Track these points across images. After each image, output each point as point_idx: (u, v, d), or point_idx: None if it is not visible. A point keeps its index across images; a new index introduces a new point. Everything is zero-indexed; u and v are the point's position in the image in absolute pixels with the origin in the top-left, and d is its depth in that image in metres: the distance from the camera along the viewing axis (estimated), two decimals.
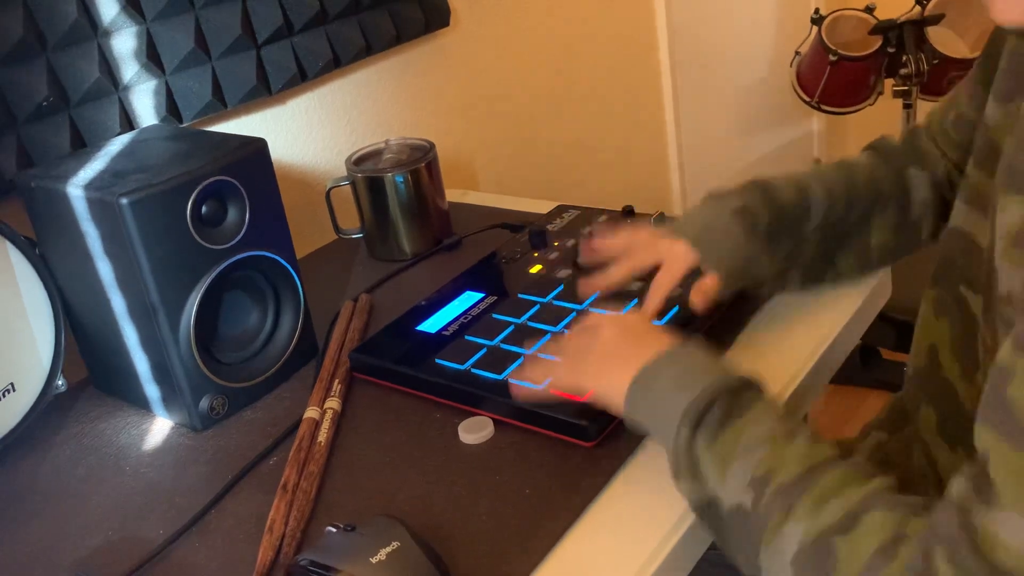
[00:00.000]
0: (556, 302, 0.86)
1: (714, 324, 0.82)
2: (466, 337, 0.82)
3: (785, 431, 0.57)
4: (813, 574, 0.51)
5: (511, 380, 0.73)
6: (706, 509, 0.59)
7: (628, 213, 1.01)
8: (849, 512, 0.51)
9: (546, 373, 0.71)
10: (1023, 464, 0.45)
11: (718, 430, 0.58)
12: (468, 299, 0.89)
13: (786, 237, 0.78)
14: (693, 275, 0.77)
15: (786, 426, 0.58)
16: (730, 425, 0.58)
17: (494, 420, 0.74)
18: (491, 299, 0.88)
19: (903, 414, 0.82)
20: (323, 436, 0.75)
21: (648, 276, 0.78)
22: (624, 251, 0.80)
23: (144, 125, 0.99)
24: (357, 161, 1.09)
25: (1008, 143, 0.60)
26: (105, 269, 0.78)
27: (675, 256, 0.77)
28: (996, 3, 0.55)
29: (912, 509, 0.51)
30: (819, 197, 0.79)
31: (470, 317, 0.86)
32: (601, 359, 0.67)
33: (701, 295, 0.75)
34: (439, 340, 0.83)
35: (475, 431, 0.73)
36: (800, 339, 0.81)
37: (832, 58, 1.92)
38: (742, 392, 0.60)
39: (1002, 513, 0.45)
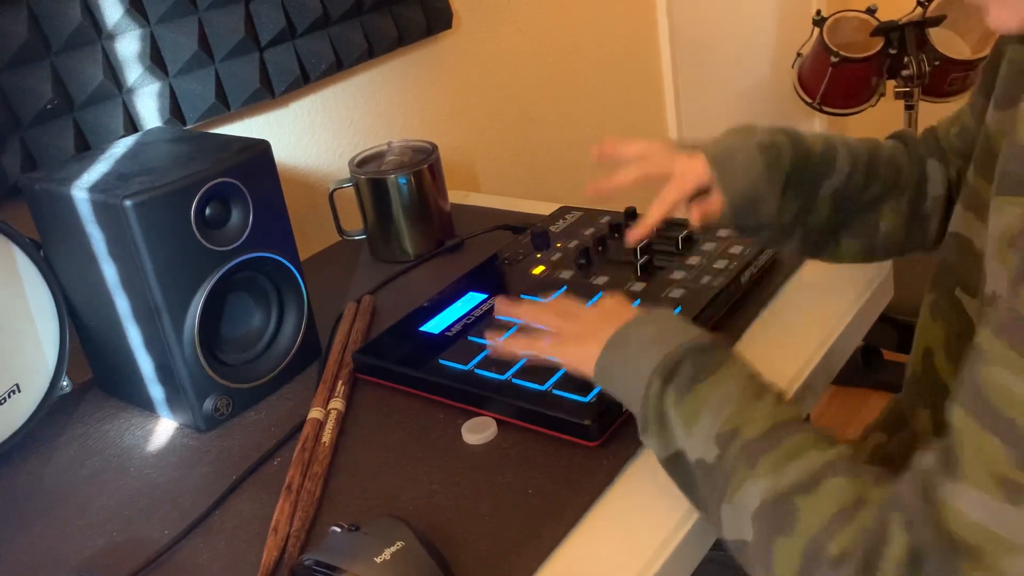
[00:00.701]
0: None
1: (716, 324, 0.83)
2: (469, 338, 0.82)
3: (754, 389, 0.59)
4: (772, 530, 0.52)
5: (492, 347, 0.75)
6: (672, 461, 0.61)
7: (631, 215, 1.01)
8: (812, 473, 0.52)
9: (528, 345, 0.72)
10: (988, 443, 0.45)
11: (689, 385, 0.59)
12: (471, 300, 0.89)
13: (804, 188, 0.76)
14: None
15: (755, 384, 0.59)
16: (701, 380, 0.59)
17: (497, 420, 0.74)
18: (494, 300, 0.89)
19: (901, 416, 0.83)
20: (327, 437, 0.75)
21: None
22: (639, 157, 0.78)
23: (148, 127, 0.99)
24: (360, 163, 1.09)
25: (1003, 146, 0.60)
26: (109, 271, 0.78)
27: (689, 169, 0.75)
28: (992, 10, 0.55)
29: (874, 477, 0.52)
30: (844, 158, 0.77)
31: (473, 318, 0.86)
32: (581, 335, 0.69)
33: (701, 212, 0.75)
34: (442, 341, 0.83)
35: (478, 431, 0.73)
36: (802, 339, 0.81)
37: (834, 59, 1.93)
38: (714, 350, 0.61)
39: (961, 485, 0.46)
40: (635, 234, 0.78)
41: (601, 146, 0.79)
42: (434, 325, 0.86)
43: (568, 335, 0.70)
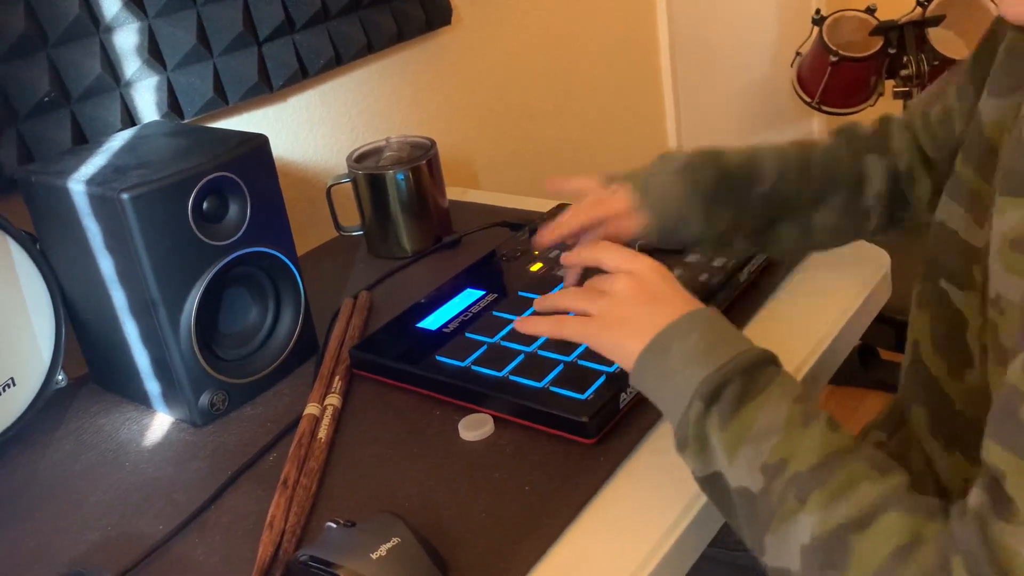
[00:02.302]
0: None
1: None
2: (466, 334, 0.82)
3: (801, 416, 0.56)
4: (824, 565, 0.51)
5: (518, 321, 0.71)
6: (710, 481, 0.58)
7: None
8: (866, 509, 0.51)
9: (555, 325, 0.68)
10: None
11: (732, 411, 0.56)
12: (468, 296, 0.89)
13: (729, 202, 0.78)
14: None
15: (802, 410, 0.56)
16: (745, 406, 0.56)
17: (494, 417, 0.74)
18: (491, 297, 0.88)
19: (901, 415, 0.82)
20: (323, 432, 0.75)
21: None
22: (577, 191, 0.82)
23: (145, 121, 0.99)
24: (358, 158, 1.09)
25: (1005, 144, 0.59)
26: (106, 264, 0.78)
27: (612, 194, 0.78)
28: (1004, 1, 0.55)
29: (929, 513, 0.50)
30: (770, 170, 0.79)
31: (470, 314, 0.86)
32: (613, 316, 0.64)
33: (612, 232, 0.77)
34: (439, 337, 0.83)
35: (475, 428, 0.73)
36: (799, 338, 0.81)
37: (833, 59, 1.93)
38: (758, 370, 0.58)
39: (1021, 528, 0.45)
40: (544, 237, 0.80)
41: (550, 182, 0.85)
42: (431, 321, 0.86)
43: (600, 316, 0.65)
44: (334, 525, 0.61)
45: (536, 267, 0.94)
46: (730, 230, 0.79)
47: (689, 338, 0.60)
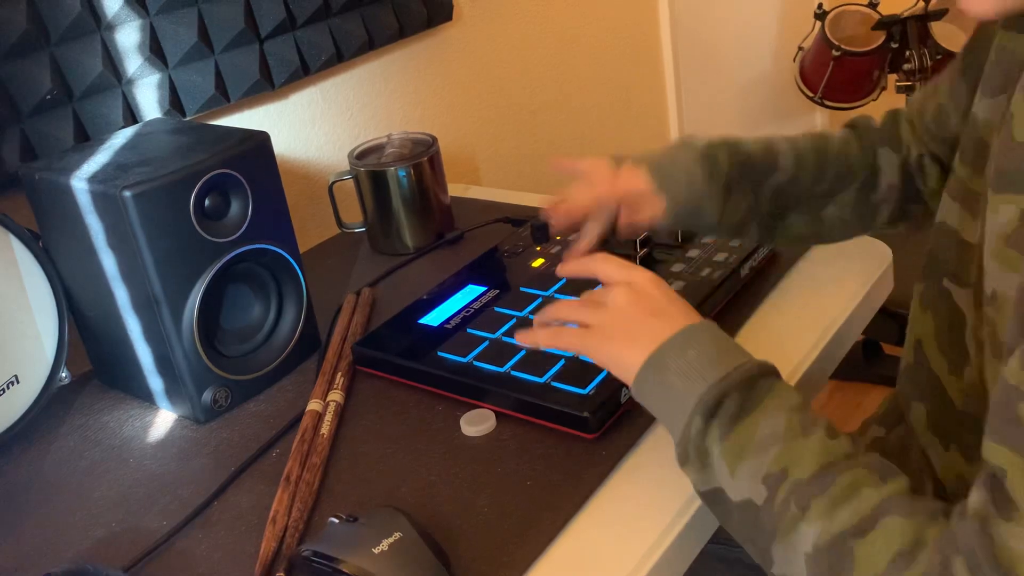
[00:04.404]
0: (558, 295, 0.86)
1: (716, 316, 0.82)
2: (468, 330, 0.82)
3: (800, 425, 0.56)
4: (827, 573, 0.51)
5: (518, 334, 0.71)
6: (712, 495, 0.59)
7: None
8: (866, 514, 0.51)
9: (554, 337, 0.68)
10: None
11: (732, 424, 0.57)
12: (470, 292, 0.89)
13: (747, 190, 0.78)
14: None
15: (801, 419, 0.57)
16: (744, 419, 0.57)
17: (496, 413, 0.74)
18: (493, 292, 0.89)
19: (900, 410, 0.83)
20: (326, 428, 0.75)
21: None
22: (586, 172, 0.80)
23: (147, 119, 0.99)
24: (360, 155, 1.09)
25: (996, 142, 0.59)
26: (108, 262, 0.78)
27: (627, 176, 0.77)
28: None
29: (930, 515, 0.51)
30: (788, 158, 0.79)
31: (472, 310, 0.86)
32: (611, 328, 0.64)
33: (630, 222, 0.77)
34: (441, 333, 0.83)
35: (477, 423, 0.73)
36: (802, 332, 0.81)
37: (835, 53, 1.92)
38: (757, 382, 0.58)
39: (1020, 527, 0.45)
40: (553, 213, 0.80)
41: (556, 162, 0.83)
42: (433, 317, 0.86)
43: (598, 329, 0.65)
44: (336, 520, 0.62)
45: (538, 263, 0.94)
46: (745, 218, 0.79)
47: (687, 353, 0.60)
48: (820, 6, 2.01)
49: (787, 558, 0.54)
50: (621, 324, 0.64)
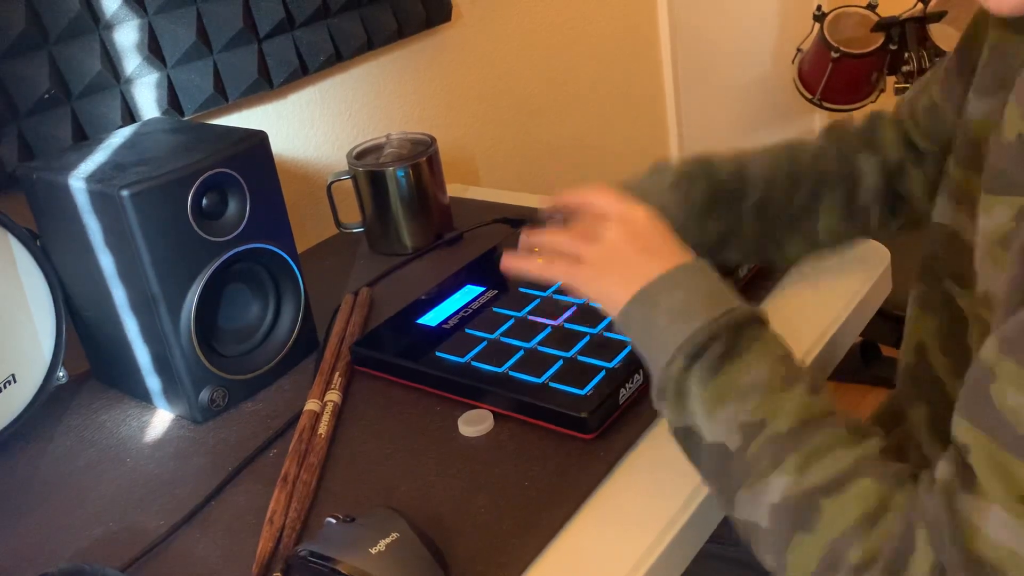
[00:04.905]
0: (557, 296, 0.86)
1: None
2: (467, 330, 0.82)
3: (784, 378, 0.57)
4: (792, 525, 0.52)
5: (507, 259, 0.69)
6: (685, 433, 0.59)
7: None
8: (838, 474, 0.52)
9: (543, 267, 0.67)
10: (1005, 459, 0.46)
11: (715, 369, 0.57)
12: (469, 293, 0.89)
13: (722, 213, 0.78)
14: None
15: (785, 371, 0.57)
16: (728, 365, 0.57)
17: (494, 413, 0.74)
18: (492, 293, 0.89)
19: (898, 412, 0.83)
20: (323, 428, 0.75)
21: None
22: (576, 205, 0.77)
23: (145, 118, 0.99)
24: (358, 155, 1.09)
25: (990, 143, 0.60)
26: (106, 261, 0.78)
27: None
28: None
29: (898, 479, 0.52)
30: (759, 176, 0.79)
31: (471, 311, 0.86)
32: (602, 263, 0.64)
33: None
34: (439, 333, 0.83)
35: (475, 424, 0.73)
36: (799, 334, 0.81)
37: (834, 55, 1.92)
38: (744, 329, 0.58)
39: (984, 503, 0.46)
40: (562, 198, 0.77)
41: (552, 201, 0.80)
42: (431, 318, 0.86)
43: (590, 262, 0.64)
44: (334, 520, 0.62)
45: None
46: (724, 241, 0.79)
47: (676, 292, 0.60)
48: (819, 8, 2.01)
49: (751, 505, 0.54)
50: (613, 260, 0.63)
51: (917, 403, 0.75)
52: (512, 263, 0.69)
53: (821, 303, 0.85)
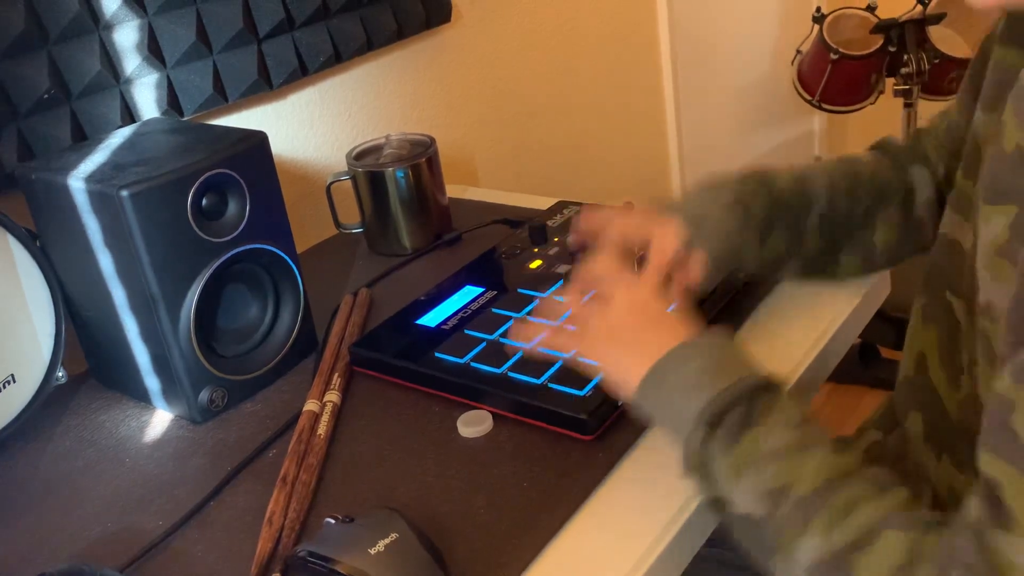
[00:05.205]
0: (556, 297, 0.86)
1: (713, 319, 0.83)
2: (466, 331, 0.82)
3: (804, 441, 0.56)
4: None
5: (511, 335, 0.71)
6: (716, 504, 0.59)
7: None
8: (866, 529, 0.51)
9: (553, 336, 0.68)
10: None
11: (735, 437, 0.57)
12: (468, 294, 0.89)
13: (783, 228, 0.77)
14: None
15: (805, 435, 0.57)
16: (747, 433, 0.57)
17: (493, 414, 0.74)
18: (491, 294, 0.89)
19: (895, 415, 0.83)
20: (322, 429, 0.75)
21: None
22: (615, 231, 0.77)
23: (145, 118, 0.99)
24: (358, 156, 1.09)
25: (990, 154, 0.60)
26: (105, 261, 0.78)
27: (665, 234, 0.75)
28: None
29: (927, 527, 0.51)
30: (820, 189, 0.78)
31: (470, 311, 0.86)
32: (611, 337, 0.65)
33: (681, 286, 0.74)
34: (439, 334, 0.83)
35: (474, 425, 0.73)
36: (798, 336, 0.81)
37: (833, 57, 1.92)
38: (760, 396, 0.58)
39: (1018, 538, 0.46)
40: (582, 225, 0.79)
41: (579, 227, 0.80)
42: (431, 318, 0.86)
43: (598, 333, 0.66)
44: (333, 521, 0.62)
45: (535, 264, 0.94)
46: (784, 257, 0.78)
47: (689, 366, 0.61)
48: (818, 9, 2.01)
49: (788, 570, 0.54)
50: (622, 330, 0.65)
51: (914, 413, 0.75)
52: (522, 334, 0.71)
53: (820, 304, 0.85)
